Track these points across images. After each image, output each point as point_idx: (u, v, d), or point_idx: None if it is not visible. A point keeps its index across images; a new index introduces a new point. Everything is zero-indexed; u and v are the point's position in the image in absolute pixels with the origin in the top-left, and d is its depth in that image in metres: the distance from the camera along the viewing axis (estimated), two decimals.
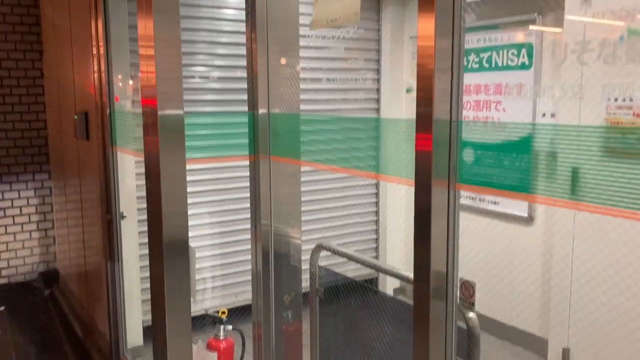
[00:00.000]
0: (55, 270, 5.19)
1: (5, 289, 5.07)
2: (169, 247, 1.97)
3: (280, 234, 2.41)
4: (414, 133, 1.37)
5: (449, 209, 1.37)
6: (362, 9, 1.68)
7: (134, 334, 3.33)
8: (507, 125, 1.39)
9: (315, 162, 2.19)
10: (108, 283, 3.17)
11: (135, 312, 3.35)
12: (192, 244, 2.07)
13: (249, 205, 2.42)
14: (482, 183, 1.39)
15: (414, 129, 1.37)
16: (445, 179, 1.37)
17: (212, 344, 2.78)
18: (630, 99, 2.19)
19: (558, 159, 1.21)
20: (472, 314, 1.54)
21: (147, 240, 2.05)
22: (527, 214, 3.69)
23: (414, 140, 1.37)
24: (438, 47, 1.31)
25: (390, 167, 1.66)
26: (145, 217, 2.03)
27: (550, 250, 3.48)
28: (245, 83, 2.35)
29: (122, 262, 3.14)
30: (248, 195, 2.43)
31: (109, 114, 2.99)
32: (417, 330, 1.41)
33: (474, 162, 1.39)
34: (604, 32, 1.95)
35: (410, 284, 1.56)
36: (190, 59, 3.82)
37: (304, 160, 2.19)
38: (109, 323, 3.21)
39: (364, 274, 3.37)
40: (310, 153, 2.14)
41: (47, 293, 4.95)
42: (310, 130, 2.19)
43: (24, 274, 5.27)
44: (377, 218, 4.76)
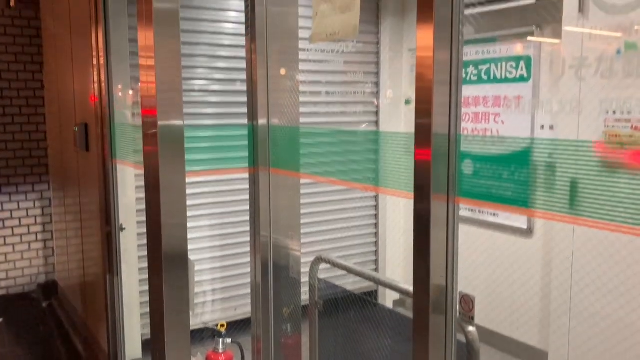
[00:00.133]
0: (54, 282, 5.18)
1: (4, 301, 5.05)
2: (169, 259, 1.97)
3: (280, 246, 2.40)
4: (413, 146, 1.38)
5: (448, 223, 1.37)
6: (361, 22, 1.69)
7: (133, 347, 3.32)
8: (505, 140, 1.39)
9: (315, 174, 2.20)
10: (107, 295, 3.17)
11: (135, 325, 3.34)
12: (191, 257, 2.07)
13: (249, 218, 2.42)
14: (481, 197, 1.40)
15: (413, 142, 1.37)
16: (445, 193, 1.37)
17: (211, 357, 2.77)
18: (629, 112, 2.21)
19: (556, 173, 1.22)
20: (471, 328, 1.54)
21: (146, 254, 2.05)
22: (526, 226, 3.69)
23: (413, 154, 1.38)
24: (437, 59, 1.32)
25: (390, 180, 1.67)
26: (145, 230, 2.03)
27: (550, 262, 3.47)
28: (244, 96, 2.35)
29: (121, 274, 3.13)
30: (248, 208, 2.43)
31: (109, 126, 3.00)
32: (416, 344, 1.40)
33: (473, 175, 1.40)
34: (602, 45, 1.96)
35: (410, 297, 1.56)
36: (190, 73, 3.84)
37: (304, 173, 2.20)
38: (108, 336, 3.20)
39: (364, 287, 3.36)
40: (310, 165, 2.15)
41: (45, 305, 4.93)
42: (310, 143, 2.20)
43: (23, 286, 5.26)
44: (376, 230, 4.75)
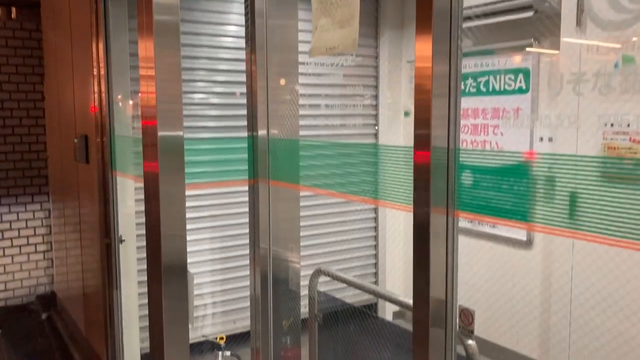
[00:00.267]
0: (53, 293, 5.16)
1: (2, 312, 5.03)
2: (168, 270, 1.97)
3: (279, 258, 2.40)
4: (412, 160, 1.38)
5: (448, 236, 1.37)
6: (360, 35, 1.70)
7: None
8: (505, 154, 1.40)
9: (315, 187, 2.20)
10: (106, 307, 3.16)
11: (134, 337, 3.32)
12: (191, 270, 2.07)
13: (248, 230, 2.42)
14: (481, 210, 1.40)
15: (412, 156, 1.38)
16: (444, 206, 1.38)
17: None
18: (628, 125, 2.22)
19: (556, 187, 1.22)
20: (471, 342, 1.54)
21: (145, 267, 2.04)
22: (525, 238, 3.69)
23: (412, 167, 1.38)
24: (435, 72, 1.32)
25: (389, 193, 1.67)
26: (145, 243, 2.03)
27: (550, 274, 3.47)
28: (243, 109, 2.36)
29: (120, 286, 3.12)
30: (247, 221, 2.43)
31: (109, 137, 3.00)
32: (416, 357, 1.40)
33: (473, 189, 1.40)
34: (599, 58, 1.98)
35: (410, 310, 1.55)
36: (190, 87, 3.86)
37: (303, 185, 2.20)
38: (107, 348, 3.18)
39: (364, 300, 3.36)
40: (310, 178, 2.15)
41: (44, 316, 4.91)
42: (310, 156, 2.20)
43: (21, 297, 5.24)
44: (376, 243, 4.75)
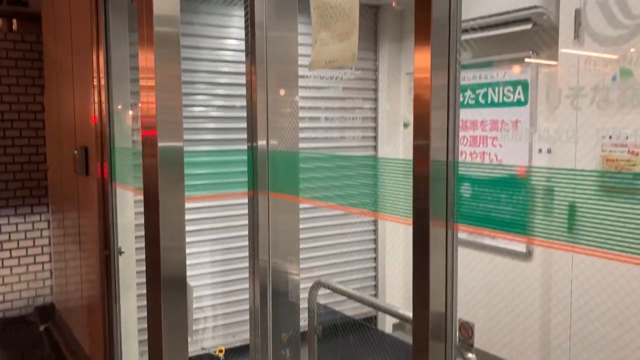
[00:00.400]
0: (52, 305, 5.14)
1: (0, 324, 5.01)
2: (167, 282, 1.96)
3: (279, 270, 2.40)
4: (411, 172, 1.38)
5: (447, 250, 1.38)
6: (359, 48, 1.71)
7: None
8: (504, 167, 1.40)
9: (314, 199, 2.21)
10: (105, 319, 3.15)
11: (133, 350, 3.31)
12: (191, 283, 2.06)
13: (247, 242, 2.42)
14: (480, 223, 1.40)
15: (411, 168, 1.38)
16: (443, 220, 1.38)
17: None
18: (626, 137, 2.22)
19: (554, 201, 1.23)
20: (471, 355, 1.54)
21: (145, 280, 2.04)
22: (525, 249, 3.69)
23: (412, 180, 1.38)
24: (434, 84, 1.33)
25: (388, 206, 1.67)
26: (144, 255, 2.03)
27: (550, 286, 3.46)
28: (243, 122, 2.37)
29: (119, 298, 3.12)
30: (247, 234, 2.43)
31: (109, 149, 3.01)
32: None
33: (472, 202, 1.41)
34: (598, 70, 1.99)
35: (409, 323, 1.55)
36: (190, 100, 3.88)
37: (303, 197, 2.20)
38: None
39: (363, 312, 3.35)
40: (309, 190, 2.16)
41: (42, 328, 4.89)
42: (309, 168, 2.21)
43: (20, 309, 5.22)
44: (375, 255, 4.75)
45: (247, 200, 2.39)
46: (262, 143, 2.32)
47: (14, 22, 5.13)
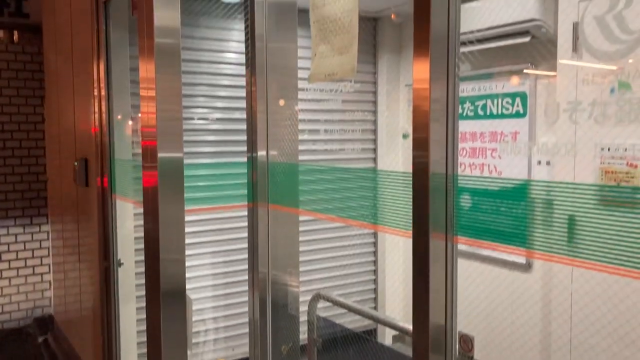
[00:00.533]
0: (50, 316, 5.12)
1: None
2: (166, 294, 1.96)
3: (279, 282, 2.39)
4: (411, 185, 1.39)
5: (447, 262, 1.38)
6: (359, 61, 1.72)
7: None
8: (503, 180, 1.40)
9: (314, 211, 2.21)
10: (104, 331, 3.13)
11: None
12: (192, 296, 2.06)
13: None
14: (480, 236, 1.40)
15: (410, 180, 1.39)
16: (443, 232, 1.38)
17: None
18: (625, 149, 2.23)
19: (554, 214, 1.23)
20: None
21: (144, 292, 2.04)
22: (525, 261, 3.68)
23: (411, 193, 1.39)
24: (433, 96, 1.33)
25: (388, 218, 1.67)
26: (143, 267, 2.02)
27: (550, 297, 3.45)
28: (243, 135, 2.37)
29: (119, 310, 3.11)
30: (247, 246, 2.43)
31: (109, 161, 3.01)
32: None
33: (472, 215, 1.41)
34: (596, 84, 2.00)
35: (409, 335, 1.55)
36: (190, 113, 3.89)
37: (303, 209, 2.20)
38: None
39: (363, 325, 3.33)
40: (309, 202, 2.16)
41: (41, 340, 4.87)
42: (309, 180, 2.21)
43: (18, 320, 5.20)
44: (375, 268, 4.74)
45: (246, 213, 2.39)
46: (261, 154, 2.32)
47: (15, 33, 5.15)
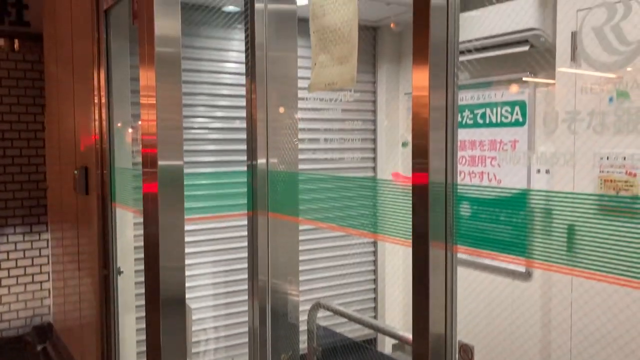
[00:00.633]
0: (49, 325, 5.11)
1: None
2: (166, 303, 1.96)
3: (278, 291, 2.39)
4: (410, 194, 1.39)
5: (447, 272, 1.38)
6: (358, 71, 1.73)
7: None
8: (504, 190, 1.41)
9: (314, 220, 2.21)
10: (103, 340, 3.13)
11: None
12: (192, 305, 2.06)
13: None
14: (479, 245, 1.40)
15: (410, 189, 1.39)
16: (443, 241, 1.38)
17: None
18: (624, 158, 2.23)
19: (553, 224, 1.23)
20: None
21: (144, 301, 2.04)
22: (524, 269, 3.68)
23: (410, 202, 1.39)
24: (432, 104, 1.34)
25: (387, 227, 1.68)
26: (143, 278, 2.02)
27: (550, 306, 3.45)
28: (242, 145, 2.38)
29: (118, 319, 3.10)
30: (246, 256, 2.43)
31: (109, 169, 3.02)
32: None
33: (471, 224, 1.41)
34: (594, 94, 2.01)
35: (409, 344, 1.55)
36: (189, 123, 3.90)
37: (302, 218, 2.20)
38: None
39: (363, 334, 3.32)
40: (309, 211, 2.16)
41: (40, 348, 4.85)
42: (309, 189, 2.21)
43: (17, 328, 5.19)
44: (375, 277, 4.73)
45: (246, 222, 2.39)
46: (261, 161, 2.33)
47: (16, 41, 5.17)
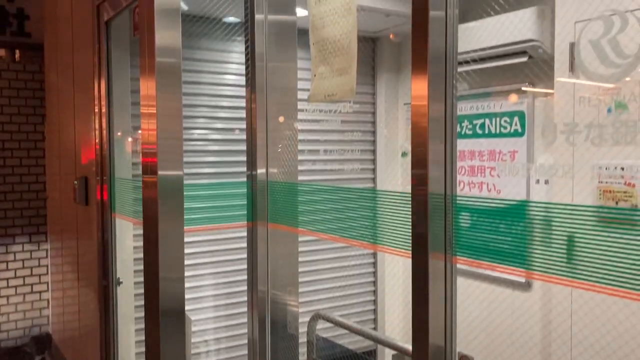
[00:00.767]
0: (48, 335, 5.09)
1: None
2: (165, 313, 1.96)
3: (278, 302, 2.39)
4: (409, 204, 1.39)
5: (446, 282, 1.38)
6: (357, 82, 1.74)
7: None
8: (503, 201, 1.41)
9: (313, 230, 2.21)
10: (103, 351, 3.12)
11: None
12: (191, 317, 2.06)
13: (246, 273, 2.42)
14: (479, 256, 1.41)
15: (409, 200, 1.39)
16: (442, 252, 1.39)
17: None
18: (622, 168, 2.24)
19: (553, 235, 1.23)
20: None
21: (143, 312, 2.03)
22: (524, 279, 3.68)
23: (410, 212, 1.39)
24: (431, 115, 1.34)
25: (387, 238, 1.68)
26: (143, 289, 2.02)
27: (550, 317, 3.44)
28: (242, 156, 2.38)
29: (117, 329, 3.09)
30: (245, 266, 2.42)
31: (109, 179, 3.02)
32: None
33: (471, 235, 1.41)
34: (592, 106, 2.02)
35: (409, 356, 1.54)
36: (188, 134, 3.90)
37: (302, 229, 2.20)
38: None
39: (363, 346, 3.30)
40: (309, 222, 2.16)
41: (38, 359, 4.83)
42: (309, 200, 2.22)
43: (16, 339, 5.17)
44: (375, 288, 4.72)
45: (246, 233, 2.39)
46: (261, 172, 2.33)
47: (17, 52, 5.20)
